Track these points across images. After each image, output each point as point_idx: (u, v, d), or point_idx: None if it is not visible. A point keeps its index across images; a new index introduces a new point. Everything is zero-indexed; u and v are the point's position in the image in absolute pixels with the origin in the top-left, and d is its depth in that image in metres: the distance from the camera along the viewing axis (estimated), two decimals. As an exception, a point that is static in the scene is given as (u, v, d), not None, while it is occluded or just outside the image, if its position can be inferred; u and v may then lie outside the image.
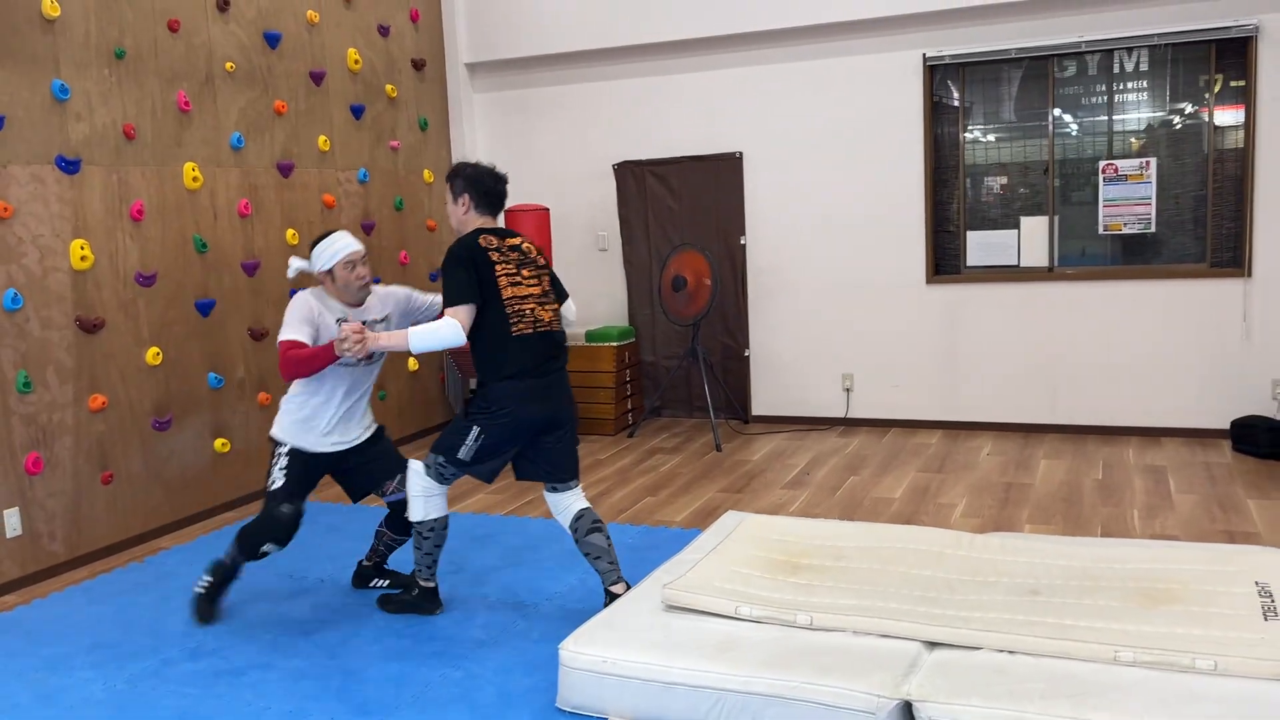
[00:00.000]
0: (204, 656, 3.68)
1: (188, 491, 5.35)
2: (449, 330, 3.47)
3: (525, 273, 3.67)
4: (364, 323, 3.79)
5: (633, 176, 7.25)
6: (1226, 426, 6.04)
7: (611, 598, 3.70)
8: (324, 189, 6.30)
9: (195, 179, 5.36)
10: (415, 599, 3.91)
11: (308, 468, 3.88)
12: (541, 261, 3.77)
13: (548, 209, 6.69)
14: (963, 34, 6.33)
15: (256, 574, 4.51)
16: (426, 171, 7.27)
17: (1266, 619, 2.95)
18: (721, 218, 7.06)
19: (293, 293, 6.19)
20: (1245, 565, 3.35)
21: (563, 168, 7.47)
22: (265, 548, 3.80)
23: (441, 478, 3.74)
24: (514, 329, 3.57)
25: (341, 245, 3.78)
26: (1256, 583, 3.21)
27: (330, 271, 3.78)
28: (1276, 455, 5.56)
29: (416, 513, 3.76)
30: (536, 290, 3.68)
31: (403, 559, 4.52)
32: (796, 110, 6.78)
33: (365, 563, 4.32)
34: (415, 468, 3.76)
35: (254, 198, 5.77)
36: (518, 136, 7.57)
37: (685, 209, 7.15)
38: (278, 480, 3.81)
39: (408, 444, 6.99)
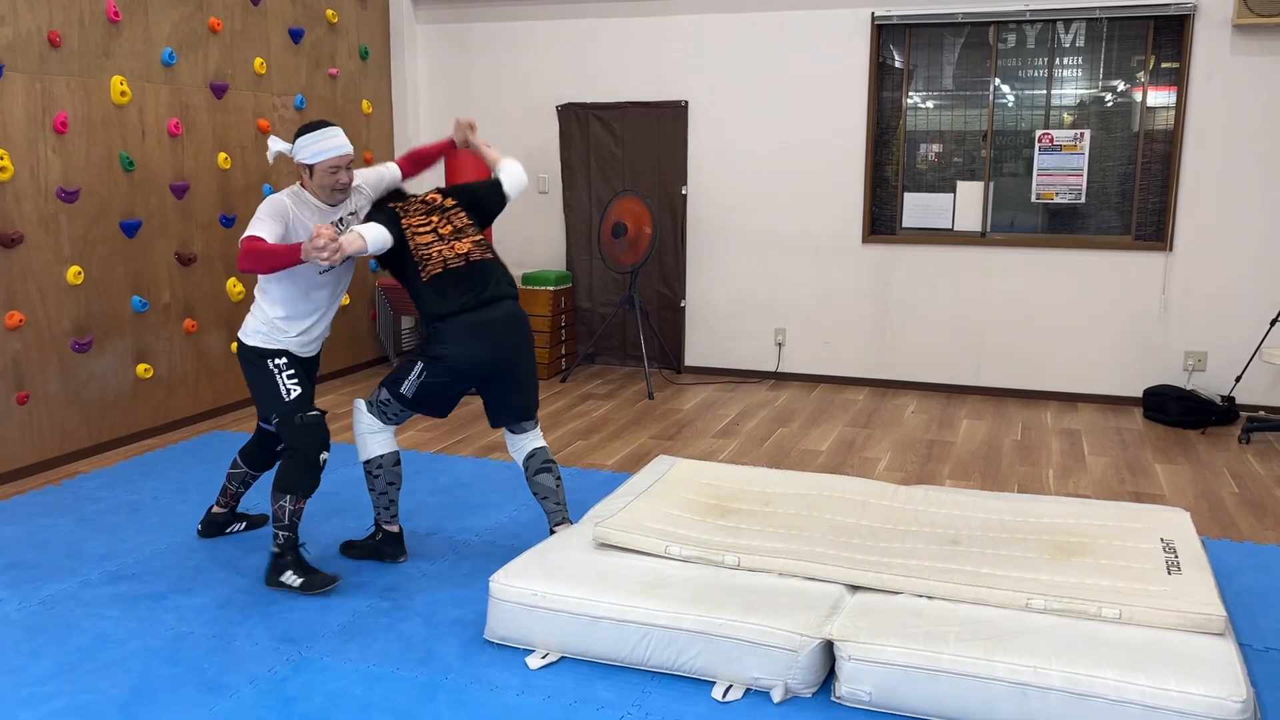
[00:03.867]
0: (124, 580, 3.62)
1: (108, 416, 5.21)
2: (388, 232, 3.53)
3: (434, 219, 3.67)
4: (338, 221, 3.60)
5: (576, 119, 7.17)
6: (1139, 394, 6.27)
7: None
8: (259, 113, 6.12)
9: (123, 94, 5.16)
10: (378, 544, 3.83)
11: (306, 370, 3.69)
12: (450, 204, 3.74)
13: (489, 147, 6.59)
14: (912, -5, 6.36)
15: (178, 504, 4.44)
16: (365, 102, 7.10)
17: (1170, 573, 3.10)
18: (664, 166, 7.04)
19: (267, 189, 6.08)
20: (1153, 523, 3.51)
21: (505, 106, 7.35)
22: (323, 456, 3.52)
23: (384, 415, 3.69)
24: (422, 273, 3.57)
25: (330, 146, 3.47)
26: (1162, 539, 3.36)
27: (310, 168, 3.51)
28: (1185, 423, 5.80)
29: (363, 452, 3.70)
30: (447, 230, 3.66)
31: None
32: (744, 62, 6.76)
33: (216, 509, 4.05)
34: (358, 405, 3.71)
35: (185, 117, 5.58)
36: (460, 71, 7.42)
37: (628, 155, 7.11)
38: (292, 390, 3.55)
39: (339, 378, 6.90)
